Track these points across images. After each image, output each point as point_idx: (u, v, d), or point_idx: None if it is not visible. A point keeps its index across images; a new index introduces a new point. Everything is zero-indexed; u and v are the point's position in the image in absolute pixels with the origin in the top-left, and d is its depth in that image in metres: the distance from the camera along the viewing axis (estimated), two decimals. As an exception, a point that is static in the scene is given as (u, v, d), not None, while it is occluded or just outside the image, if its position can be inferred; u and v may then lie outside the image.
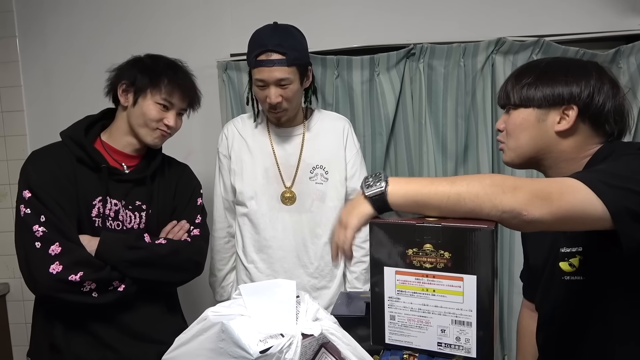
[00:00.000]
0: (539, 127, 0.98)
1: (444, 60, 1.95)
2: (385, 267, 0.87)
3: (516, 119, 1.01)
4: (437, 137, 2.00)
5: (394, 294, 0.88)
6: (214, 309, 0.76)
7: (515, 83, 1.02)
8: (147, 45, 2.11)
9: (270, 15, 2.05)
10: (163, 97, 1.31)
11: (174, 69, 1.35)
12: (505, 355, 2.11)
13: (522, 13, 1.96)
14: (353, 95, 2.00)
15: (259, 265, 1.57)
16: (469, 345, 0.83)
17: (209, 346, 0.71)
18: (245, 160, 1.57)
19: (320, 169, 1.56)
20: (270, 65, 1.41)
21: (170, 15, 2.13)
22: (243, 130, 1.60)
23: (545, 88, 0.97)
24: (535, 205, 0.75)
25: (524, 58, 1.91)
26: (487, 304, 0.81)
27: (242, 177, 1.56)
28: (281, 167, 1.55)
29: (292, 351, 0.70)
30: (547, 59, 1.06)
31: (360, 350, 0.78)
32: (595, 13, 1.93)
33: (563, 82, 0.96)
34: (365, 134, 2.02)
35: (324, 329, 0.75)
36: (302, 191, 1.55)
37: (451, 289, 0.82)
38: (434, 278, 0.83)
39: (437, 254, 0.82)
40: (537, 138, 0.99)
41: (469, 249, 0.79)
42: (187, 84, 1.36)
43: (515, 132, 1.01)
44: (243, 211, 1.58)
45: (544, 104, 0.97)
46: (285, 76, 1.42)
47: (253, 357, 0.67)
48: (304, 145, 1.57)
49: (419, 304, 0.86)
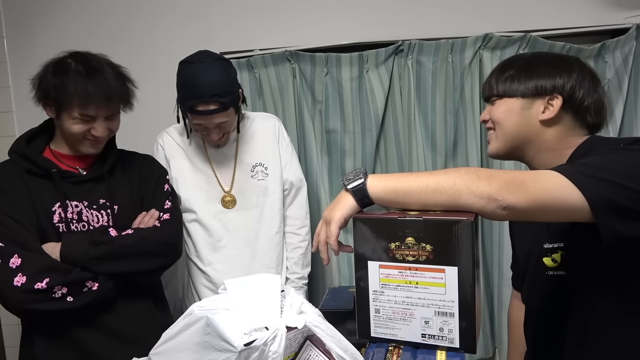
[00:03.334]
0: (523, 115, 1.01)
1: (432, 56, 1.96)
2: (369, 261, 0.89)
3: (500, 107, 1.03)
4: (427, 133, 2.02)
5: (378, 288, 0.89)
6: (199, 303, 0.77)
7: (499, 75, 1.04)
8: (134, 43, 2.13)
9: (259, 12, 2.07)
10: (78, 112, 1.22)
11: (85, 75, 1.21)
12: (497, 348, 2.13)
13: (509, 9, 1.97)
14: (342, 92, 2.00)
15: (217, 267, 1.61)
16: (452, 336, 0.85)
17: (195, 340, 0.72)
18: (186, 168, 1.61)
19: (260, 166, 1.63)
20: (210, 114, 1.42)
21: (157, 12, 2.13)
22: (179, 139, 1.64)
23: (529, 80, 1.00)
24: (510, 191, 0.77)
25: (511, 53, 1.93)
26: (468, 295, 0.83)
27: (185, 185, 1.60)
28: (218, 173, 1.61)
29: (276, 344, 0.71)
30: (529, 53, 1.09)
31: (344, 342, 0.79)
32: (580, 8, 1.95)
33: (547, 74, 0.99)
34: (355, 130, 2.03)
35: (308, 322, 0.77)
36: (245, 190, 1.61)
37: (433, 281, 0.84)
38: (417, 271, 0.85)
39: (419, 246, 0.84)
40: (521, 126, 1.01)
41: (450, 241, 0.81)
42: (104, 89, 1.22)
43: (500, 120, 1.03)
44: (192, 217, 1.61)
45: (528, 94, 1.00)
46: (224, 120, 1.46)
47: (237, 350, 0.68)
48: (239, 148, 1.63)
49: (402, 296, 0.87)
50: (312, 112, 2.06)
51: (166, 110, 1.83)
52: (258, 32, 2.07)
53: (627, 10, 1.92)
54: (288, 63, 2.01)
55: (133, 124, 2.14)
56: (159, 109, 2.11)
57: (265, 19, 2.08)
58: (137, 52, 2.13)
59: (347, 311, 1.18)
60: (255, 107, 2.04)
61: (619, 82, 1.92)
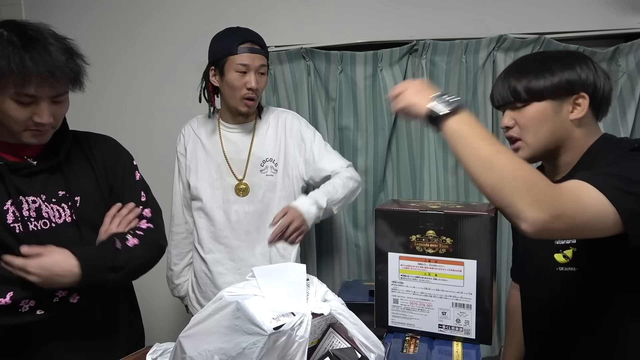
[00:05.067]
0: (557, 118, 0.99)
1: (446, 57, 1.98)
2: (389, 253, 0.92)
3: (532, 114, 0.99)
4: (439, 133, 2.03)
5: (398, 279, 0.92)
6: (229, 289, 0.80)
7: (520, 78, 1.01)
8: (149, 41, 2.16)
9: (275, 10, 2.10)
10: (14, 91, 0.99)
11: (21, 47, 0.97)
12: (502, 347, 2.15)
13: (523, 10, 1.99)
14: (356, 90, 2.03)
15: (216, 255, 1.66)
16: (468, 327, 0.88)
17: (225, 324, 0.75)
18: (200, 157, 1.67)
19: (270, 161, 1.65)
20: (254, 52, 1.55)
21: (172, 10, 2.16)
22: (197, 129, 1.71)
23: (555, 80, 0.98)
24: (552, 221, 0.74)
25: (525, 55, 1.95)
26: (486, 287, 0.85)
27: (196, 173, 1.66)
28: (232, 162, 1.65)
29: (302, 329, 0.74)
30: (538, 53, 1.09)
31: (366, 329, 0.82)
32: (595, 11, 1.96)
33: (570, 72, 0.98)
34: (368, 128, 2.05)
35: (332, 309, 0.79)
36: (254, 183, 1.64)
37: (452, 273, 0.87)
38: (436, 263, 0.88)
39: (440, 240, 0.86)
40: (556, 129, 0.99)
41: (470, 235, 0.84)
42: (45, 63, 0.99)
43: (535, 126, 0.99)
44: (198, 205, 1.67)
45: (557, 94, 0.98)
46: (264, 63, 1.58)
47: (267, 333, 0.71)
48: (254, 140, 1.66)
49: (421, 287, 0.90)
50: (326, 110, 2.09)
51: (184, 105, 1.87)
52: (274, 29, 2.09)
53: (641, 14, 1.93)
54: (303, 60, 2.04)
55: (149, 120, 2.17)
56: (177, 105, 2.15)
57: (281, 16, 2.11)
58: (151, 50, 2.18)
59: (362, 304, 1.21)
60: (270, 103, 2.07)
61: (631, 86, 1.94)
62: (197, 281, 1.71)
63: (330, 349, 0.81)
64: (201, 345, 0.77)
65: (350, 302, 1.21)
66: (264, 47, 1.60)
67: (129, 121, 2.22)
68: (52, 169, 1.13)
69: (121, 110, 2.24)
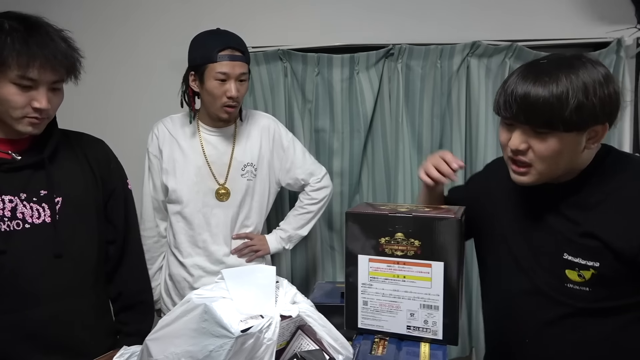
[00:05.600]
0: (576, 149, 0.91)
1: (422, 61, 2.01)
2: (359, 255, 0.93)
3: (555, 145, 0.89)
4: (413, 135, 2.07)
5: (367, 281, 0.93)
6: (197, 292, 0.79)
7: (565, 105, 0.85)
8: (126, 41, 2.14)
9: (252, 11, 2.10)
10: (17, 74, 0.99)
11: (24, 31, 1.00)
12: (473, 347, 2.19)
13: (497, 18, 2.04)
14: (333, 92, 2.04)
15: (195, 259, 1.64)
16: (435, 328, 0.89)
17: (192, 326, 0.75)
18: (178, 160, 1.62)
19: (250, 166, 1.65)
20: (234, 60, 1.50)
21: (149, 11, 2.14)
22: (174, 130, 1.65)
23: (594, 109, 0.86)
24: None
25: (498, 61, 2.00)
26: (453, 289, 0.87)
27: (175, 176, 1.62)
28: (212, 166, 1.63)
29: (271, 331, 0.74)
30: (571, 70, 0.87)
31: (334, 331, 0.82)
32: (565, 21, 2.02)
33: (603, 102, 0.87)
34: (344, 130, 2.07)
35: (301, 311, 0.80)
36: (234, 188, 1.63)
37: (420, 275, 0.88)
38: (405, 265, 0.89)
39: (408, 242, 0.88)
40: (572, 158, 0.92)
41: (437, 238, 0.85)
42: (48, 48, 1.02)
43: (555, 158, 0.91)
44: (176, 209, 1.63)
45: (587, 126, 0.88)
46: (244, 71, 1.53)
47: (234, 335, 0.71)
48: (236, 144, 1.65)
49: (390, 289, 0.91)
50: (302, 111, 2.09)
51: (161, 104, 1.84)
52: (251, 30, 2.08)
53: (609, 25, 2.00)
54: (280, 62, 2.04)
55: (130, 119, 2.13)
56: (154, 104, 2.12)
57: (258, 17, 2.10)
58: (129, 50, 2.15)
59: (334, 305, 1.22)
60: (246, 104, 2.06)
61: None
62: (174, 285, 1.68)
63: (298, 351, 0.81)
64: (168, 348, 0.77)
65: (323, 304, 1.22)
66: (245, 52, 1.55)
67: (105, 120, 2.18)
68: (36, 166, 1.10)
69: (98, 109, 2.20)
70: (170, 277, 1.69)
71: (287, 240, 1.75)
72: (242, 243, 1.66)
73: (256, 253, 1.69)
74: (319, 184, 1.75)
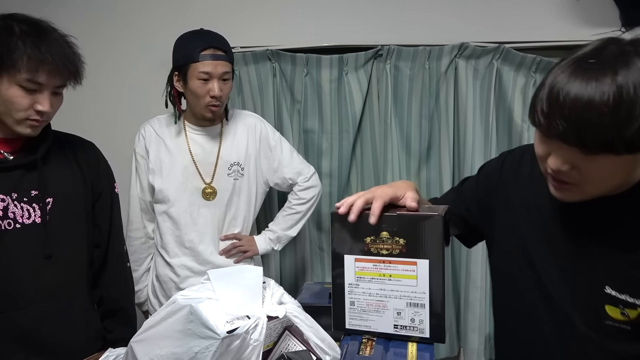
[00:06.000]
0: (628, 170, 0.74)
1: (410, 62, 2.02)
2: (345, 255, 0.93)
3: (605, 167, 0.72)
4: (402, 136, 2.07)
5: (354, 281, 0.93)
6: (183, 292, 0.79)
7: (619, 120, 0.66)
8: (111, 41, 2.11)
9: (241, 10, 2.09)
10: (25, 77, 1.01)
11: (35, 36, 1.02)
12: (461, 348, 2.20)
13: (484, 20, 2.05)
14: (321, 93, 2.04)
15: (182, 259, 1.63)
16: (422, 326, 0.90)
17: (178, 328, 0.74)
18: (164, 159, 1.62)
19: (237, 165, 1.65)
20: (217, 59, 1.50)
21: (136, 9, 2.12)
22: (160, 130, 1.65)
23: None
24: None
25: (485, 63, 2.01)
26: (439, 286, 0.87)
27: (161, 175, 1.61)
28: (199, 165, 1.62)
29: (257, 332, 0.74)
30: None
31: (322, 332, 0.82)
32: (550, 23, 2.04)
33: None
34: (333, 131, 2.07)
35: (288, 312, 0.79)
36: (221, 187, 1.63)
37: (406, 273, 0.89)
38: (390, 264, 0.89)
39: (393, 240, 0.88)
40: (628, 176, 0.76)
41: (422, 235, 0.86)
42: (57, 53, 1.04)
43: (604, 180, 0.75)
44: (162, 209, 1.63)
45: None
46: (227, 70, 1.53)
47: (220, 337, 0.70)
48: (222, 143, 1.65)
49: (376, 288, 0.91)
50: (291, 112, 2.09)
51: (147, 104, 1.82)
52: (239, 30, 2.08)
53: (594, 27, 2.02)
54: (269, 62, 2.03)
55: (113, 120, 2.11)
56: (138, 104, 2.10)
57: (247, 17, 2.10)
58: (114, 49, 2.12)
59: (322, 306, 1.21)
60: (235, 104, 2.05)
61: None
62: (160, 286, 1.67)
63: (285, 351, 0.81)
64: (153, 350, 0.76)
65: (311, 305, 1.22)
66: (228, 51, 1.56)
67: (89, 120, 2.15)
68: (29, 166, 1.10)
69: (80, 108, 2.17)
70: (157, 278, 1.68)
71: (276, 241, 1.74)
72: (230, 244, 1.66)
73: (244, 254, 1.68)
74: (307, 183, 1.74)
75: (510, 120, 2.02)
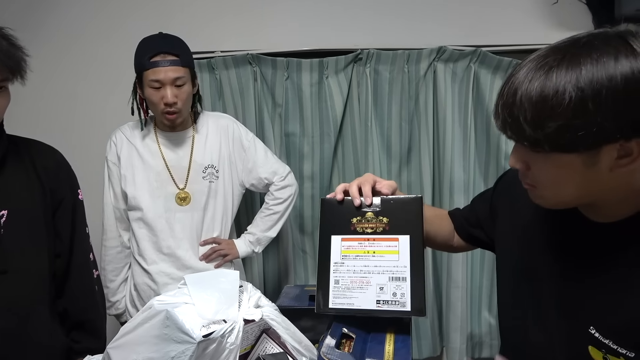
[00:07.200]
0: (587, 173, 0.66)
1: (389, 66, 2.04)
2: (332, 235, 0.99)
3: (551, 169, 0.68)
4: (382, 139, 2.09)
5: (339, 259, 0.97)
6: (159, 298, 0.79)
7: (539, 118, 0.63)
8: (92, 43, 2.10)
9: (221, 15, 2.09)
10: None
11: None
12: (444, 347, 2.23)
13: (461, 24, 2.09)
14: (302, 96, 2.05)
15: (161, 266, 1.61)
16: (404, 300, 0.92)
17: (154, 333, 0.74)
18: (136, 166, 1.60)
19: (211, 168, 1.64)
20: (166, 65, 1.47)
21: (118, 12, 2.11)
22: (131, 136, 1.63)
23: (593, 123, 0.60)
24: None
25: (463, 66, 2.04)
26: (418, 259, 0.93)
27: (134, 182, 1.59)
28: (172, 170, 1.61)
29: (233, 335, 0.75)
30: (566, 63, 0.62)
31: (298, 334, 0.83)
32: (527, 27, 2.09)
33: (618, 106, 0.60)
34: (314, 134, 2.08)
35: (264, 315, 0.80)
36: (196, 191, 1.62)
37: (388, 249, 0.95)
38: (374, 241, 0.96)
39: (377, 219, 0.96)
40: (586, 185, 0.68)
41: (403, 213, 0.95)
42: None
43: (554, 184, 0.70)
44: (137, 215, 1.60)
45: (595, 144, 0.63)
46: (180, 75, 1.49)
47: (196, 341, 0.71)
48: (194, 147, 1.64)
49: (360, 265, 0.96)
50: (272, 115, 2.10)
51: (123, 110, 1.80)
52: (220, 34, 2.09)
53: (567, 31, 2.06)
54: (249, 66, 2.04)
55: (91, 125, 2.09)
56: (117, 109, 2.09)
57: (227, 21, 2.10)
58: (96, 51, 2.11)
59: (302, 309, 1.22)
60: (216, 108, 2.05)
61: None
62: (138, 294, 1.64)
63: (262, 354, 0.82)
64: (130, 355, 0.76)
65: (290, 308, 1.22)
66: (181, 54, 1.50)
67: (65, 126, 2.13)
68: None
69: (57, 114, 2.15)
70: (135, 287, 1.65)
71: (256, 243, 1.75)
72: (210, 248, 1.65)
73: (224, 257, 1.68)
74: (283, 182, 1.74)
75: (488, 122, 2.06)
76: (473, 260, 2.16)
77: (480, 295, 2.18)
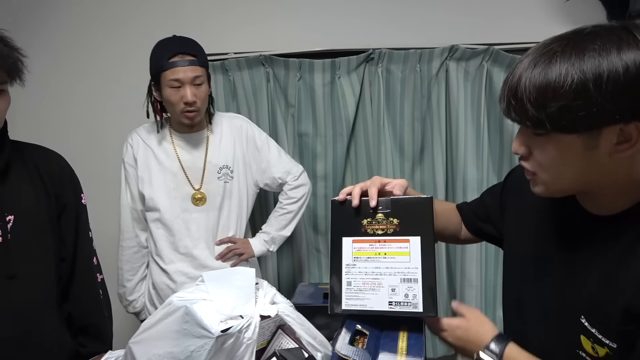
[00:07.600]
0: (587, 156, 0.69)
1: (401, 65, 2.05)
2: (343, 237, 0.99)
3: (552, 151, 0.71)
4: (395, 139, 2.10)
5: (351, 261, 0.98)
6: (178, 294, 0.81)
7: (543, 97, 0.66)
8: (102, 45, 2.14)
9: (234, 17, 2.12)
10: None
11: None
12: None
13: (473, 22, 2.09)
14: (315, 97, 2.07)
15: (178, 265, 1.64)
16: (416, 301, 0.93)
17: (174, 328, 0.77)
18: (153, 167, 1.63)
19: (226, 168, 1.66)
20: (185, 65, 1.51)
21: (128, 14, 2.14)
22: (147, 138, 1.66)
23: (593, 104, 0.63)
24: None
25: (476, 65, 2.04)
26: (430, 261, 0.93)
27: (150, 183, 1.62)
28: (188, 171, 1.64)
29: (250, 331, 0.77)
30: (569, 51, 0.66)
31: (313, 330, 0.85)
32: (540, 24, 2.07)
33: (619, 90, 0.63)
34: (327, 134, 2.10)
35: (280, 311, 0.82)
36: (211, 191, 1.64)
37: (399, 250, 0.95)
38: (385, 242, 0.96)
39: (388, 221, 0.96)
40: (586, 170, 0.70)
41: (413, 215, 0.94)
42: None
43: (554, 166, 0.72)
44: (155, 216, 1.63)
45: (595, 125, 0.65)
46: (198, 74, 1.53)
47: (214, 335, 0.73)
48: (209, 147, 1.66)
49: (372, 267, 0.97)
50: (285, 116, 2.12)
51: (133, 112, 1.82)
52: (233, 36, 2.11)
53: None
54: (262, 67, 2.06)
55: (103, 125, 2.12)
56: (125, 112, 2.11)
57: (240, 23, 2.13)
58: (106, 54, 2.15)
59: (316, 306, 1.24)
60: (229, 109, 2.08)
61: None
62: (157, 293, 1.68)
63: (278, 349, 0.84)
64: (151, 350, 0.79)
65: (304, 305, 1.25)
66: (198, 55, 1.55)
67: (74, 129, 2.16)
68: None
69: (66, 117, 2.18)
70: (154, 285, 1.68)
71: (270, 242, 1.77)
72: (226, 247, 1.68)
73: (240, 256, 1.70)
74: (297, 181, 1.77)
75: (501, 120, 2.05)
76: (487, 259, 2.15)
77: (495, 294, 2.17)
